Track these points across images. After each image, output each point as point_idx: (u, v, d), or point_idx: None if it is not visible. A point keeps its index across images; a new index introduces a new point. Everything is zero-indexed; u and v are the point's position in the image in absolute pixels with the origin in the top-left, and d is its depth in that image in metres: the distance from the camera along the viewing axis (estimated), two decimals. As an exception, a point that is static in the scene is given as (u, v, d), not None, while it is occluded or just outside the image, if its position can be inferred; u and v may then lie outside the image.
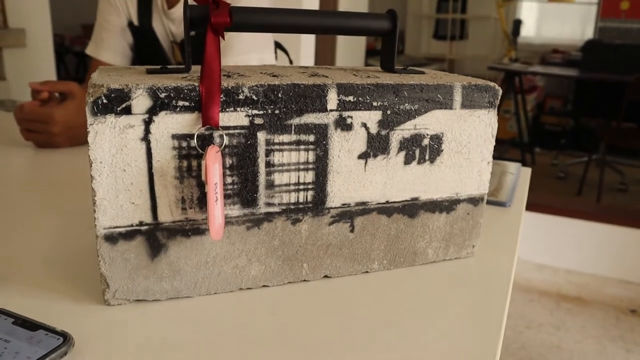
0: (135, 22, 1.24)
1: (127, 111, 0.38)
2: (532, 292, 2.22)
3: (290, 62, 1.62)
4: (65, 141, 0.95)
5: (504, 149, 3.79)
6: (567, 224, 2.46)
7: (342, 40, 3.66)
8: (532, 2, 4.89)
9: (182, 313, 0.43)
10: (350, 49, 3.65)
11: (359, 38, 3.78)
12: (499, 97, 0.50)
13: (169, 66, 0.46)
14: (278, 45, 1.55)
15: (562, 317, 2.02)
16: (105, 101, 0.38)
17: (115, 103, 0.38)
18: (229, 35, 1.22)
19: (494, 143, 0.52)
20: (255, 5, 1.20)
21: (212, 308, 0.44)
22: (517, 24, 4.35)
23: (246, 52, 1.21)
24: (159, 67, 0.46)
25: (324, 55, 3.76)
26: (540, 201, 2.64)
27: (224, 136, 0.41)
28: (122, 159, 0.39)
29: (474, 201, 0.53)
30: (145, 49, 1.28)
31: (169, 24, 1.24)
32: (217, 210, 0.41)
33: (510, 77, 3.54)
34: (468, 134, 0.50)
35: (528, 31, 4.88)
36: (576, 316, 2.03)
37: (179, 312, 0.43)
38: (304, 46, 2.73)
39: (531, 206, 2.46)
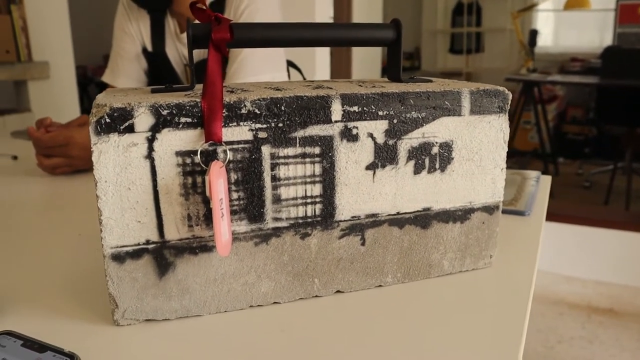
0: (149, 48, 1.27)
1: (130, 129, 0.38)
2: (562, 305, 2.15)
3: (304, 79, 1.63)
4: (84, 163, 0.97)
5: (526, 161, 3.74)
6: (595, 233, 2.40)
7: (357, 57, 3.68)
8: (548, 12, 4.86)
9: (192, 332, 0.43)
10: (366, 65, 3.67)
11: (375, 53, 3.79)
12: (509, 102, 0.49)
13: (173, 85, 0.46)
14: (291, 64, 1.56)
15: (595, 330, 1.95)
16: (108, 120, 0.38)
17: (118, 122, 0.38)
18: (240, 57, 1.24)
19: (506, 149, 0.51)
20: (267, 20, 1.22)
21: (223, 326, 0.43)
22: (534, 34, 4.32)
23: (258, 73, 1.22)
24: (163, 86, 0.46)
25: (339, 70, 3.78)
26: (566, 211, 2.59)
27: (228, 151, 0.41)
28: (126, 177, 0.39)
29: (489, 209, 0.52)
30: (160, 73, 1.30)
31: (182, 48, 1.26)
32: (224, 226, 0.40)
33: (528, 88, 3.50)
34: (479, 140, 0.49)
35: (545, 41, 4.84)
36: (609, 329, 1.96)
37: (189, 331, 0.43)
38: (319, 64, 2.75)
39: (557, 217, 2.41)
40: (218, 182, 0.39)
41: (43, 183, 0.93)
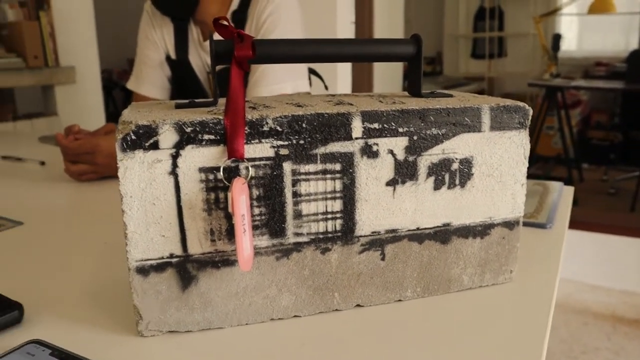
0: (173, 55, 1.29)
1: (155, 146, 0.39)
2: (586, 314, 2.12)
3: (326, 87, 1.63)
4: (109, 171, 0.99)
5: (549, 167, 3.69)
6: (620, 241, 2.35)
7: (379, 64, 3.68)
8: (572, 16, 4.79)
9: (214, 344, 0.43)
10: (388, 73, 3.67)
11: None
12: (530, 118, 0.49)
13: (196, 100, 0.47)
14: (312, 72, 1.57)
15: (620, 341, 1.92)
16: (133, 137, 0.39)
17: (144, 139, 0.39)
18: (262, 66, 1.25)
19: (527, 164, 0.50)
20: (288, 36, 1.23)
21: (244, 339, 0.44)
22: (557, 38, 4.26)
23: (280, 81, 1.23)
24: (187, 101, 0.47)
25: (361, 80, 3.78)
26: (591, 219, 2.54)
27: (250, 168, 0.42)
28: (151, 192, 0.40)
29: (509, 225, 0.51)
30: (183, 80, 1.32)
31: (205, 56, 1.28)
32: (246, 241, 0.41)
33: (552, 93, 3.46)
34: (499, 156, 0.49)
35: (569, 45, 4.77)
36: (635, 340, 1.92)
37: (211, 343, 0.43)
38: (340, 71, 2.75)
39: (582, 225, 2.37)
40: (240, 198, 0.39)
41: (69, 189, 0.95)
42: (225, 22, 0.46)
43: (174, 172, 0.40)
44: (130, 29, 1.35)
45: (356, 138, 0.44)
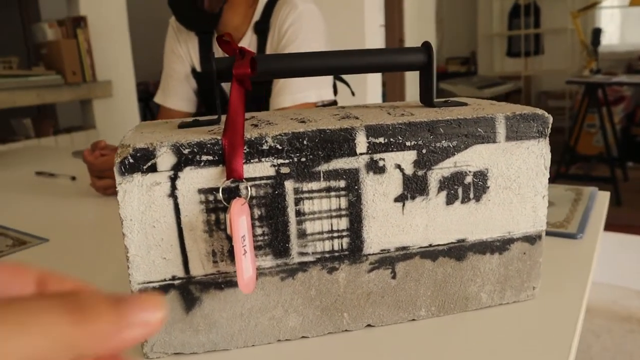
0: (198, 68, 1.30)
1: (153, 169, 0.39)
2: (632, 321, 2.02)
3: (352, 94, 1.62)
4: None
5: (590, 166, 3.55)
6: (669, 244, 2.24)
7: (409, 74, 3.63)
8: (612, 9, 4.61)
9: (220, 368, 0.42)
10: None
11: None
12: (550, 125, 0.46)
13: (200, 118, 0.47)
14: (339, 78, 1.55)
15: (669, 350, 1.81)
16: (131, 161, 0.38)
17: (141, 162, 0.39)
18: (286, 74, 1.25)
19: (548, 175, 0.48)
20: (309, 45, 1.22)
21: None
22: (597, 32, 4.10)
23: (303, 90, 1.22)
24: (191, 119, 0.46)
25: (393, 83, 3.75)
26: (636, 220, 2.43)
27: (250, 188, 0.41)
28: (151, 215, 0.40)
29: (530, 239, 0.49)
30: (209, 92, 1.33)
31: (229, 68, 1.28)
32: (246, 263, 0.40)
33: (592, 90, 3.33)
34: (517, 167, 0.46)
35: (610, 39, 4.60)
36: (685, 349, 1.82)
37: (216, 367, 0.43)
38: (370, 76, 2.72)
39: (626, 227, 2.26)
40: (239, 219, 0.38)
41: (96, 204, 0.96)
42: (228, 39, 0.45)
43: (173, 194, 0.40)
44: (164, 42, 1.38)
45: (361, 154, 0.42)
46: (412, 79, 3.44)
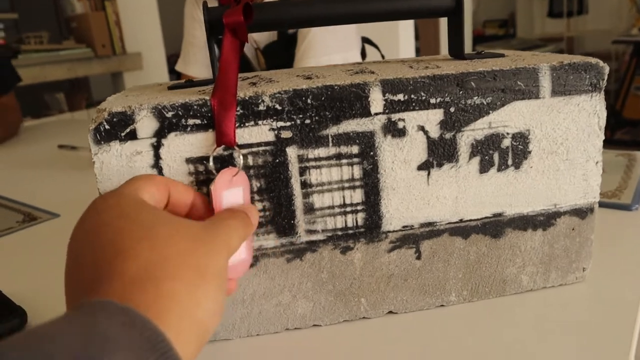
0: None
1: (133, 136, 0.33)
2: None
3: (382, 57, 1.53)
4: None
5: (637, 131, 3.35)
6: None
7: (445, 28, 3.48)
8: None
9: (220, 357, 0.38)
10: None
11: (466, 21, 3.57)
12: (605, 77, 0.39)
13: (195, 80, 0.41)
14: (367, 41, 1.47)
15: None
16: (107, 127, 0.33)
17: (119, 128, 0.33)
18: (308, 37, 1.17)
19: (602, 137, 0.40)
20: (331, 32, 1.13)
21: (255, 351, 0.38)
22: (648, -13, 3.83)
23: (329, 52, 1.15)
24: (183, 81, 0.41)
25: (427, 45, 3.60)
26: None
27: (246, 156, 0.35)
28: (133, 190, 0.34)
29: (580, 213, 0.41)
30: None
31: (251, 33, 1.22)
32: None
33: (641, 50, 3.12)
34: (564, 128, 0.39)
35: (662, -6, 4.28)
36: None
37: (216, 356, 0.38)
38: (403, 38, 2.60)
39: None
40: (223, 193, 0.33)
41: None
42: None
43: (157, 165, 0.34)
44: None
45: (376, 114, 0.36)
46: (446, 41, 3.29)
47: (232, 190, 0.33)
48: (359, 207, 0.38)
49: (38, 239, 0.66)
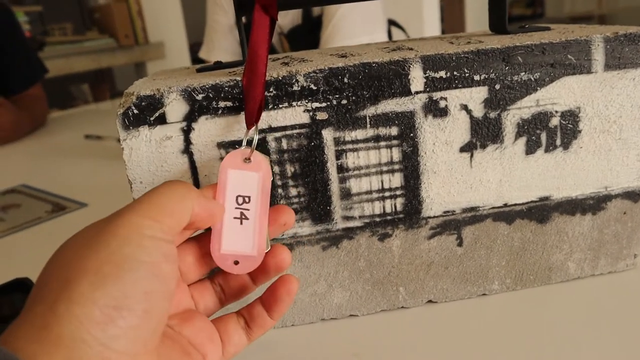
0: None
1: (162, 120, 0.32)
2: None
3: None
4: None
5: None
6: None
7: (472, 6, 3.39)
8: None
9: (255, 348, 0.36)
10: (482, 18, 3.37)
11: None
12: (664, 49, 0.36)
13: (224, 62, 0.39)
14: (393, 23, 1.44)
15: None
16: (136, 111, 0.32)
17: (148, 112, 0.32)
18: (334, 19, 1.15)
19: (659, 114, 0.37)
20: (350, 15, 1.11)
21: (290, 342, 0.37)
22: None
23: (356, 35, 1.13)
24: (212, 63, 0.39)
25: (452, 30, 3.53)
26: None
27: (276, 140, 0.33)
28: (163, 176, 0.33)
29: (633, 196, 0.39)
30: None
31: (273, 17, 1.20)
32: (237, 234, 0.31)
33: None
34: (618, 105, 0.36)
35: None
36: None
37: (250, 347, 0.37)
38: (427, 20, 2.55)
39: None
40: (228, 172, 0.30)
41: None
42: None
43: (187, 150, 0.33)
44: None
45: (416, 92, 0.34)
46: (473, 17, 3.21)
47: (244, 173, 0.31)
48: (397, 192, 0.36)
49: (67, 228, 0.66)
